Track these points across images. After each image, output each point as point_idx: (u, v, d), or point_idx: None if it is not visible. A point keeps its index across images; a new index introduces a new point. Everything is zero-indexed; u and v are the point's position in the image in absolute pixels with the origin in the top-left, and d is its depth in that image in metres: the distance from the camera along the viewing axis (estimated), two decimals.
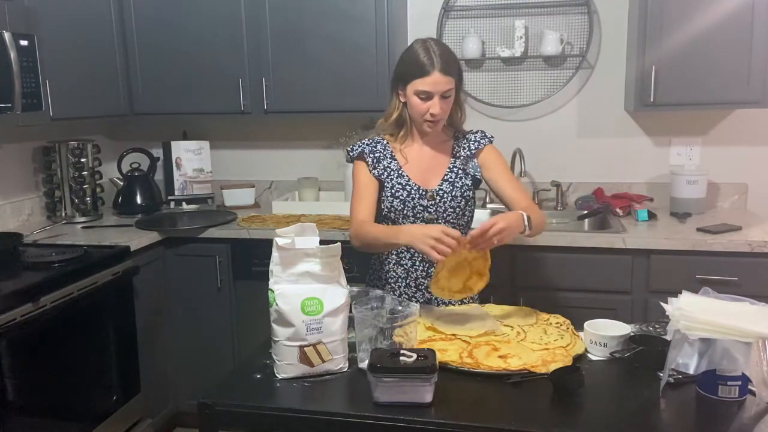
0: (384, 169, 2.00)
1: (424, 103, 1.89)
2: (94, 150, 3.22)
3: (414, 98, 1.90)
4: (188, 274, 3.00)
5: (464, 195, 2.00)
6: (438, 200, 1.97)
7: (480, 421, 1.29)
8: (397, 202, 1.97)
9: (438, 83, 1.86)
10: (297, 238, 1.51)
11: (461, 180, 2.00)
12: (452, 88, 1.90)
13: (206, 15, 3.10)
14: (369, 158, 2.01)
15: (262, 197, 3.57)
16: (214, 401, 1.41)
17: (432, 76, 1.86)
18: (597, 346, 1.57)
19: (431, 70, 1.86)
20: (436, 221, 1.97)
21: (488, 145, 2.04)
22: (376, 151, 2.02)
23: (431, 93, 1.87)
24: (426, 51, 1.88)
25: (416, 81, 1.88)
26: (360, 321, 1.50)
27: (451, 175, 2.00)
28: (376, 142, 2.05)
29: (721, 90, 2.73)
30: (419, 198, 1.97)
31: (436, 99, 1.88)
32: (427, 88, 1.87)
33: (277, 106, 3.12)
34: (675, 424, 1.32)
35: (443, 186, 1.99)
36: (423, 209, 1.97)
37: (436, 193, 1.97)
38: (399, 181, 1.98)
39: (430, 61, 1.86)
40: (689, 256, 2.55)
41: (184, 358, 3.07)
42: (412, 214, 1.97)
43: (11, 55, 2.40)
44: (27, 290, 2.18)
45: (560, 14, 3.13)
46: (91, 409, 2.52)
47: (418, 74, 1.87)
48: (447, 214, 1.98)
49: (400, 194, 1.97)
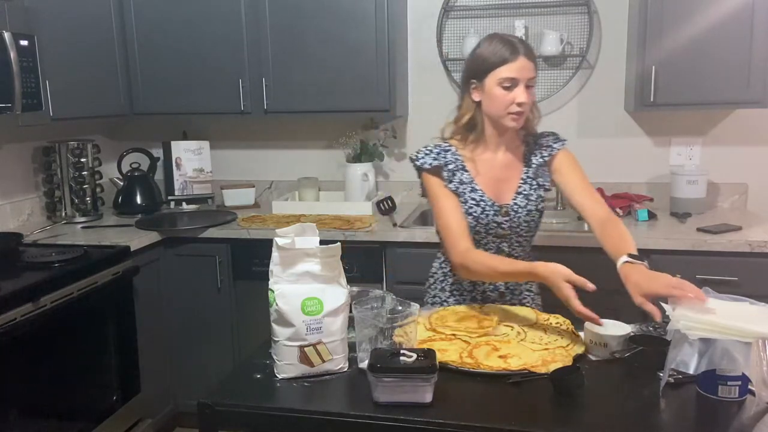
0: (459, 182, 1.85)
1: (510, 93, 1.75)
2: (94, 150, 3.22)
3: (496, 89, 1.76)
4: (188, 274, 3.00)
5: (538, 208, 1.88)
6: (512, 216, 1.85)
7: (480, 421, 1.29)
8: (471, 220, 1.83)
9: (524, 68, 1.74)
10: (297, 238, 1.50)
11: (535, 191, 1.88)
12: (534, 77, 1.78)
13: (206, 15, 3.10)
14: (444, 172, 1.85)
15: (262, 197, 3.57)
16: (214, 401, 1.41)
17: (518, 61, 1.73)
18: (597, 346, 1.56)
19: (517, 55, 1.73)
20: (508, 237, 1.88)
21: (561, 150, 1.89)
22: (449, 162, 1.86)
23: (517, 80, 1.74)
24: (504, 39, 1.77)
25: (500, 68, 1.75)
26: (360, 321, 1.49)
27: (525, 187, 1.88)
28: (444, 150, 1.88)
29: (721, 90, 2.73)
30: (494, 215, 1.84)
31: (522, 87, 1.75)
32: (513, 74, 1.74)
33: (277, 106, 3.12)
34: (675, 424, 1.32)
35: (517, 200, 1.86)
36: (497, 226, 1.85)
37: (510, 208, 1.85)
38: (472, 196, 1.84)
39: (512, 47, 1.75)
40: (689, 256, 2.55)
41: (184, 358, 3.07)
42: (484, 231, 1.85)
43: (11, 55, 2.40)
44: (27, 290, 2.18)
45: (560, 14, 3.13)
46: (91, 409, 2.52)
47: (501, 61, 1.74)
48: (521, 229, 1.87)
49: (473, 211, 1.84)
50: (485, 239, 1.88)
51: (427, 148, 1.89)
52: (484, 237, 1.87)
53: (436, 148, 1.88)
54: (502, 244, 1.89)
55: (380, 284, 2.82)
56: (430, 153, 1.87)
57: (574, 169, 1.88)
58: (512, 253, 1.90)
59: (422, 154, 1.88)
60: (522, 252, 1.93)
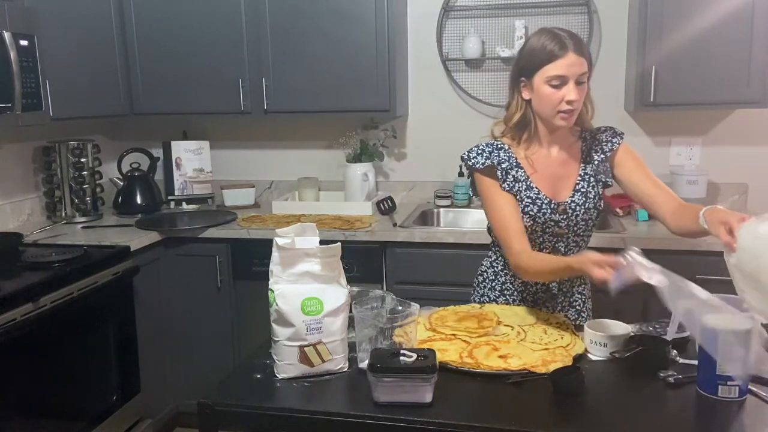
0: (514, 180, 1.79)
1: (558, 91, 1.69)
2: (94, 150, 3.22)
3: (545, 88, 1.70)
4: (188, 274, 3.00)
5: (597, 206, 1.83)
6: (570, 213, 1.80)
7: (480, 421, 1.29)
8: (527, 219, 1.78)
9: (573, 65, 1.67)
10: (297, 238, 1.51)
11: (593, 189, 1.82)
12: (586, 73, 1.71)
13: (206, 15, 3.10)
14: (498, 171, 1.79)
15: (262, 197, 3.57)
16: (214, 401, 1.41)
17: (566, 57, 1.66)
18: (597, 346, 1.57)
19: (565, 51, 1.66)
20: (565, 236, 1.82)
21: (622, 144, 1.85)
22: (501, 161, 1.80)
23: (566, 77, 1.68)
24: (553, 35, 1.69)
25: (548, 66, 1.68)
26: (360, 321, 1.49)
27: (583, 184, 1.82)
28: (497, 148, 1.82)
29: (721, 90, 2.73)
30: (551, 213, 1.78)
31: (572, 84, 1.68)
32: (561, 71, 1.67)
33: (277, 106, 3.12)
34: (675, 424, 1.32)
35: (575, 197, 1.80)
36: (554, 224, 1.80)
37: (568, 206, 1.80)
38: (528, 194, 1.78)
39: (561, 43, 1.67)
40: (689, 256, 2.55)
41: (184, 358, 3.07)
42: (541, 230, 1.80)
43: (11, 55, 2.40)
44: (27, 290, 2.18)
45: (560, 14, 3.13)
46: (91, 409, 2.52)
47: (549, 58, 1.68)
48: (578, 227, 1.82)
49: (530, 209, 1.78)
50: (541, 238, 1.83)
51: (479, 147, 1.83)
52: (540, 236, 1.82)
53: (488, 147, 1.82)
54: (558, 244, 1.84)
55: (380, 284, 2.81)
56: (482, 152, 1.81)
57: (637, 162, 1.84)
58: (568, 253, 1.84)
59: (474, 153, 1.82)
60: (578, 251, 1.86)
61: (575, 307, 1.91)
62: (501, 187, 1.79)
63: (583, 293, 1.93)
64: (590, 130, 1.86)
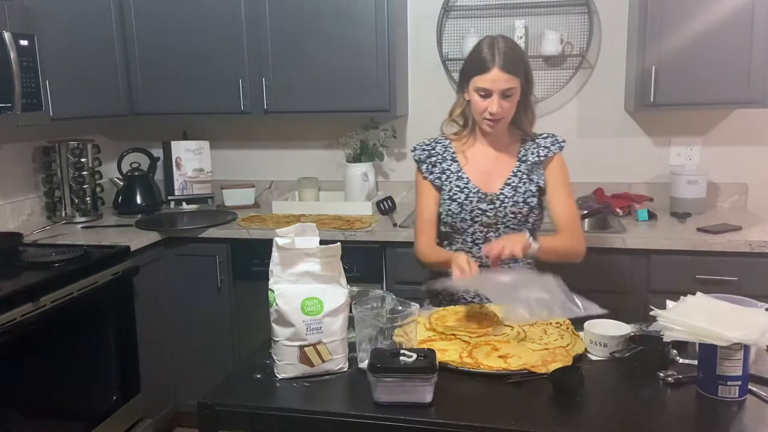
0: (441, 172, 1.98)
1: (484, 101, 1.85)
2: (94, 150, 3.22)
3: (474, 95, 1.86)
4: (188, 274, 3.00)
5: (527, 201, 1.94)
6: (498, 205, 1.93)
7: (480, 421, 1.29)
8: (455, 206, 1.94)
9: (497, 81, 1.81)
10: (297, 238, 1.51)
11: (524, 185, 1.95)
12: (514, 87, 1.84)
13: (206, 15, 3.10)
14: (423, 166, 2.01)
15: (262, 197, 3.57)
16: (214, 401, 1.41)
17: (491, 72, 1.81)
18: (597, 346, 1.57)
19: (491, 66, 1.81)
20: (495, 226, 1.94)
21: (558, 153, 1.97)
22: (433, 155, 2.00)
23: (490, 91, 1.82)
24: (490, 47, 1.83)
25: (476, 78, 1.84)
26: (360, 321, 1.49)
27: (515, 179, 1.95)
28: (436, 142, 2.02)
29: (721, 90, 2.73)
30: (478, 201, 1.93)
31: (495, 97, 1.83)
32: (485, 85, 1.82)
33: (277, 106, 3.12)
34: (675, 424, 1.32)
35: (505, 190, 1.94)
36: (481, 213, 1.93)
37: (496, 197, 1.93)
38: (458, 184, 1.95)
39: (491, 57, 1.81)
40: (689, 256, 2.55)
41: (184, 358, 3.07)
42: (470, 217, 1.94)
43: (11, 55, 2.39)
44: (27, 290, 2.18)
45: (560, 14, 3.13)
46: (91, 409, 2.52)
47: (478, 70, 1.83)
48: (507, 219, 1.94)
49: (457, 197, 1.94)
50: (472, 227, 1.96)
51: (422, 143, 2.05)
52: (471, 225, 1.95)
53: (429, 142, 2.04)
54: (489, 234, 1.96)
55: (380, 284, 2.81)
56: (420, 146, 2.04)
57: (561, 177, 1.98)
58: None
59: (417, 146, 2.05)
60: None
61: None
62: (425, 179, 2.00)
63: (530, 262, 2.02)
64: (532, 134, 2.00)
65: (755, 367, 1.44)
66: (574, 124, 3.22)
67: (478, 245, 1.95)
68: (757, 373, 1.42)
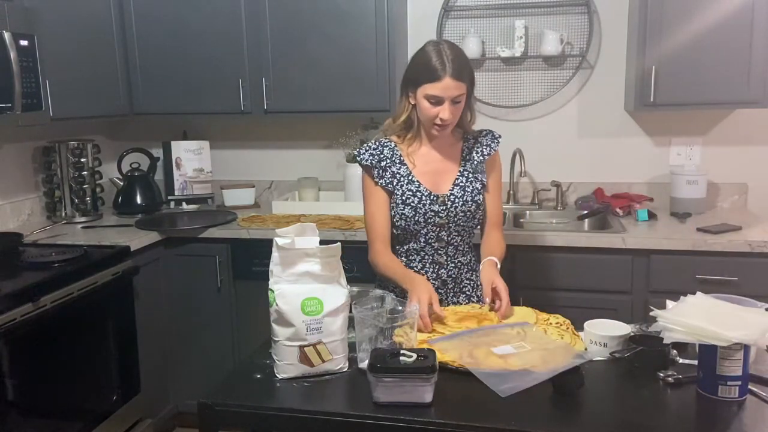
0: (392, 176, 1.97)
1: (434, 108, 1.85)
2: (94, 150, 3.22)
3: (424, 102, 1.86)
4: (188, 274, 3.00)
5: (475, 199, 1.98)
6: (449, 205, 1.96)
7: (480, 421, 1.29)
8: (408, 209, 1.94)
9: (449, 89, 1.82)
10: (297, 238, 1.51)
11: (472, 185, 1.99)
12: (463, 94, 1.86)
13: (206, 15, 3.10)
14: (375, 171, 1.98)
15: (262, 197, 3.57)
16: (214, 401, 1.41)
17: (443, 81, 1.81)
18: (597, 346, 1.57)
19: (443, 75, 1.81)
20: (447, 225, 1.96)
21: (497, 150, 2.04)
22: (382, 159, 1.98)
23: (441, 98, 1.83)
24: (438, 55, 1.83)
25: (427, 85, 1.83)
26: (360, 321, 1.50)
27: (462, 179, 1.99)
28: (382, 146, 2.00)
29: (721, 90, 2.73)
30: (430, 203, 1.95)
31: (446, 104, 1.84)
32: (437, 93, 1.83)
33: (277, 106, 3.12)
34: (675, 424, 1.32)
35: (454, 191, 1.97)
36: (434, 214, 1.95)
37: (447, 198, 1.96)
38: (410, 188, 1.96)
39: (442, 65, 1.81)
40: (689, 256, 2.55)
41: (184, 358, 3.07)
42: (423, 220, 1.95)
43: (11, 55, 2.40)
44: (27, 290, 2.18)
45: (560, 14, 3.13)
46: (91, 409, 2.52)
47: (428, 78, 1.83)
48: (458, 218, 1.97)
49: (411, 201, 1.95)
50: (425, 228, 1.97)
51: (368, 145, 2.02)
52: (423, 227, 1.97)
53: (376, 145, 2.01)
54: (441, 233, 1.98)
55: None
56: (368, 150, 2.00)
57: (495, 172, 2.06)
58: (452, 241, 2.00)
59: (363, 150, 2.01)
60: (461, 241, 2.02)
61: (465, 293, 2.04)
62: (377, 184, 1.97)
63: (472, 279, 2.05)
64: (472, 133, 2.04)
65: (755, 367, 1.44)
66: (574, 124, 3.22)
67: (431, 244, 1.98)
68: (757, 373, 1.42)
